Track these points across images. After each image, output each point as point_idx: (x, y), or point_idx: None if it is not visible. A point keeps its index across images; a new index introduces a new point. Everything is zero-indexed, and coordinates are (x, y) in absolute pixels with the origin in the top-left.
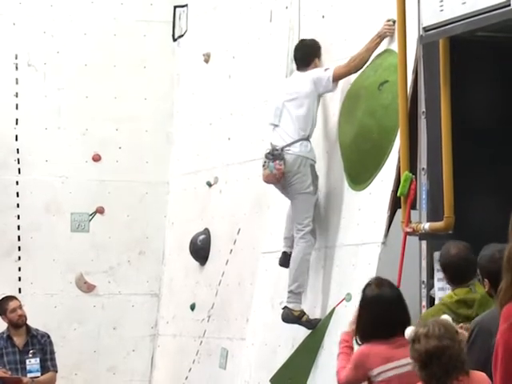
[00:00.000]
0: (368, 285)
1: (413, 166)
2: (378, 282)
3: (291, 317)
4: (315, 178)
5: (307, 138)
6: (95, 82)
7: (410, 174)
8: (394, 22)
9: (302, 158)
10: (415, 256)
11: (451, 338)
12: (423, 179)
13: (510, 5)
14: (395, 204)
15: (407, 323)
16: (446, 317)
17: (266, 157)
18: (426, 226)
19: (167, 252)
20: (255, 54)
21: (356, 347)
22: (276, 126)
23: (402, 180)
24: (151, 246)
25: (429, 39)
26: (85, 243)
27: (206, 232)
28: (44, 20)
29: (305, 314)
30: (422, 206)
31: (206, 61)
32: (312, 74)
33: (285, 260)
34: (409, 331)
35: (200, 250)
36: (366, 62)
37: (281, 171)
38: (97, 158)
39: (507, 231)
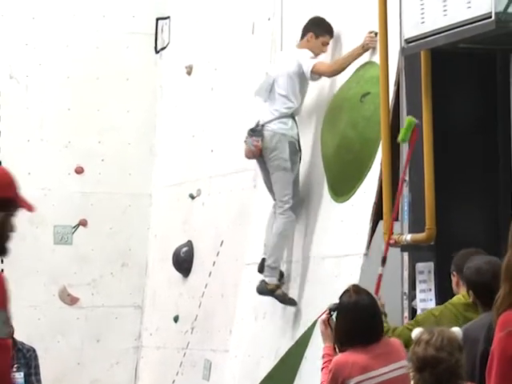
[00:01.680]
0: (345, 291)
1: (395, 178)
2: (356, 289)
3: (265, 290)
4: (294, 155)
5: (290, 116)
6: (78, 95)
7: (414, 119)
8: (376, 34)
9: (280, 136)
10: (397, 267)
11: (451, 351)
12: (405, 191)
13: (491, 17)
14: (377, 215)
15: (382, 332)
16: (456, 329)
17: (248, 132)
18: (408, 237)
19: (150, 264)
20: (238, 66)
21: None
22: (265, 101)
23: (405, 125)
24: (134, 258)
25: (410, 51)
26: (68, 255)
27: (189, 244)
28: (26, 32)
29: (279, 287)
30: (403, 218)
31: (189, 73)
32: (300, 54)
33: (263, 266)
34: (416, 332)
35: (183, 262)
36: (343, 70)
37: (258, 147)
38: (79, 171)
39: (489, 242)
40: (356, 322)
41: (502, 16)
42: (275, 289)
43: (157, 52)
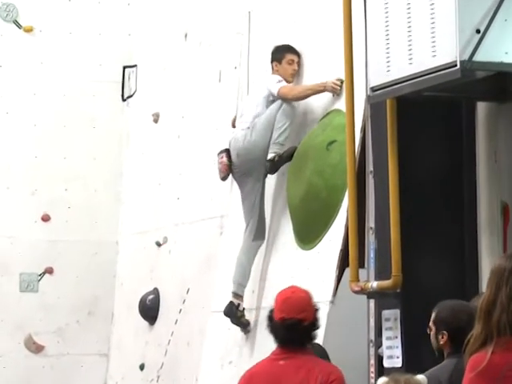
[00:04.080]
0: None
1: (361, 225)
2: None
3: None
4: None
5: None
6: (45, 142)
7: (504, 200)
8: (342, 82)
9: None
10: (363, 315)
11: None
12: (371, 238)
13: (456, 65)
14: (344, 263)
15: None
16: (421, 377)
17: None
18: (374, 284)
19: (116, 312)
20: (204, 114)
21: None
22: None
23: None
24: (100, 306)
25: (376, 99)
26: (34, 303)
27: (156, 292)
28: None
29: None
30: (369, 265)
31: (155, 121)
32: (268, 80)
33: (230, 310)
34: (381, 381)
35: (149, 310)
36: (300, 99)
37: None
38: (46, 218)
39: (455, 289)
40: None
41: (467, 64)
42: (275, 159)
43: (124, 100)
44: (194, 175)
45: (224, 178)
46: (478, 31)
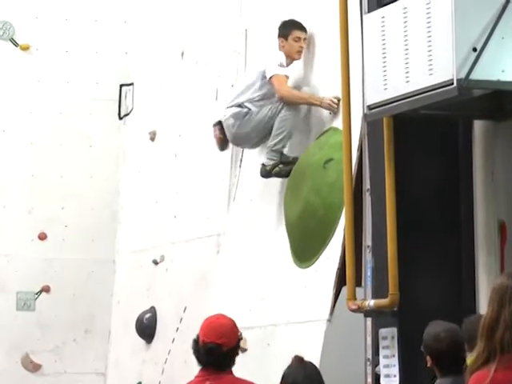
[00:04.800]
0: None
1: (358, 244)
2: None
3: (264, 171)
4: None
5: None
6: (41, 161)
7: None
8: (339, 100)
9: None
10: (360, 333)
11: None
12: (368, 256)
13: (453, 83)
14: (341, 281)
15: None
16: None
17: None
18: (371, 302)
19: (113, 330)
20: (201, 132)
21: None
22: None
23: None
24: (97, 324)
25: (373, 117)
26: (30, 322)
27: (153, 310)
28: None
29: (276, 166)
30: (366, 283)
31: (152, 139)
32: (271, 57)
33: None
34: None
35: (146, 329)
36: (288, 101)
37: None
38: (42, 237)
39: (451, 307)
40: None
41: (464, 82)
42: (272, 169)
43: (120, 118)
44: (191, 193)
45: (222, 149)
46: (474, 49)
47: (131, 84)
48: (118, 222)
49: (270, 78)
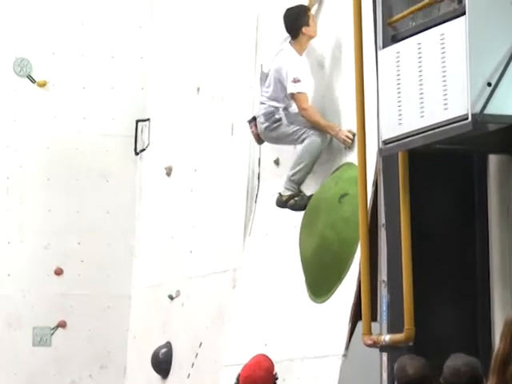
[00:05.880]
0: None
1: (373, 278)
2: None
3: (280, 201)
4: None
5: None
6: (58, 196)
7: None
8: (354, 135)
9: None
10: (376, 368)
11: None
12: (383, 291)
13: (467, 118)
14: (356, 316)
15: None
16: None
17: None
18: (387, 337)
19: (129, 366)
20: (217, 168)
21: None
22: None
23: None
24: (113, 359)
25: (388, 152)
26: (47, 357)
27: (168, 345)
28: (7, 134)
29: (292, 198)
30: (382, 318)
31: (168, 174)
32: (284, 66)
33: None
34: None
35: (162, 364)
36: (306, 118)
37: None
38: (59, 272)
39: (467, 342)
40: None
41: (479, 117)
42: (287, 200)
43: (136, 153)
44: (207, 228)
45: (260, 143)
46: (489, 84)
47: (147, 120)
48: (134, 256)
49: (292, 96)
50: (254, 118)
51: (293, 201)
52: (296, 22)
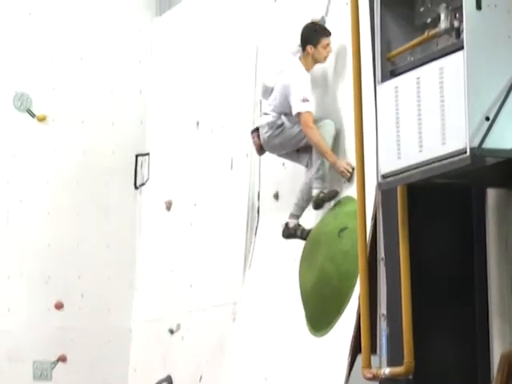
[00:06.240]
0: None
1: (373, 312)
2: None
3: (286, 231)
4: None
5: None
6: (58, 230)
7: None
8: (353, 168)
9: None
10: None
11: None
12: (383, 324)
13: (466, 152)
14: (356, 349)
15: None
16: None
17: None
18: (387, 371)
19: None
20: (217, 202)
21: None
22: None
23: None
24: None
25: (387, 186)
26: None
27: (169, 379)
28: (6, 169)
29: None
30: (382, 351)
31: (168, 208)
32: (291, 83)
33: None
34: None
35: None
36: (309, 139)
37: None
38: (59, 306)
39: (467, 375)
40: None
41: (477, 151)
42: (295, 229)
43: (136, 188)
44: (207, 262)
45: (260, 154)
46: (487, 118)
47: (147, 154)
48: (134, 290)
49: (298, 115)
50: (257, 129)
51: (299, 231)
52: (304, 37)
